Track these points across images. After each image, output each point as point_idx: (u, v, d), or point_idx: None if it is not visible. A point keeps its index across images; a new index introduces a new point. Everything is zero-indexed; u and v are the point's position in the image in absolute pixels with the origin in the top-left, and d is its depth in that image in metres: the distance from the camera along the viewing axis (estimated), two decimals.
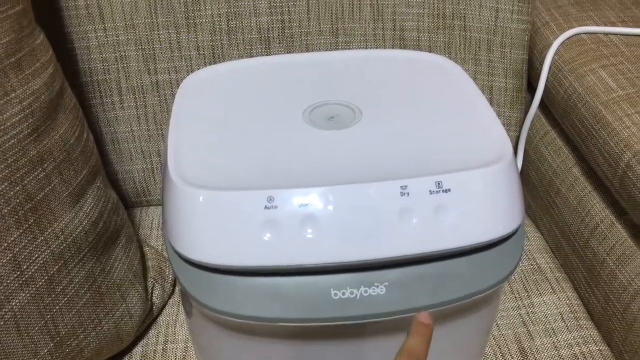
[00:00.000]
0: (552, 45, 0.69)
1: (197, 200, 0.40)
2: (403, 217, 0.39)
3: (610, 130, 0.58)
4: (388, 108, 0.48)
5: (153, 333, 0.60)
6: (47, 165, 0.47)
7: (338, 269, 0.40)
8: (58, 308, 0.48)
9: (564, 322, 0.61)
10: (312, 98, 0.50)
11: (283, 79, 0.53)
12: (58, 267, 0.47)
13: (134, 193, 0.73)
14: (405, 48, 0.69)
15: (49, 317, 0.47)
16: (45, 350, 0.48)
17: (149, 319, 0.59)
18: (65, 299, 0.48)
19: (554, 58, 0.69)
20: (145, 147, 0.70)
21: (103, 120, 0.68)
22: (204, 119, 0.48)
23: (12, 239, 0.45)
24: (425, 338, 0.36)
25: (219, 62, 0.67)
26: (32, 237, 0.46)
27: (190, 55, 0.67)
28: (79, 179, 0.50)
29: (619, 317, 0.57)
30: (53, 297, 0.47)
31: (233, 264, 0.39)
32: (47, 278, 0.47)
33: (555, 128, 0.71)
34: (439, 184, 0.40)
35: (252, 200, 0.39)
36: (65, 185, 0.48)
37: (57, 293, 0.48)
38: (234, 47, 0.67)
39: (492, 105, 0.72)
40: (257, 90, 0.51)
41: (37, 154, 0.46)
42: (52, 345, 0.48)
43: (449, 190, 0.40)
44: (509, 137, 0.63)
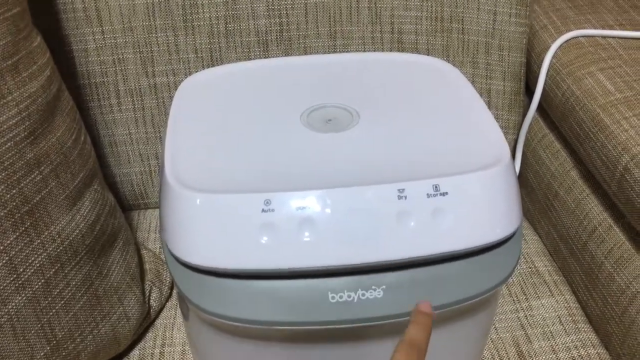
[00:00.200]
0: (549, 48, 0.69)
1: (193, 203, 0.40)
2: (400, 220, 0.39)
3: (608, 133, 0.58)
4: (385, 111, 0.48)
5: (150, 336, 0.60)
6: (43, 168, 0.46)
7: (335, 272, 0.40)
8: (54, 311, 0.48)
9: (562, 325, 0.61)
10: (309, 101, 0.50)
11: (281, 82, 0.53)
12: (54, 270, 0.47)
13: (132, 196, 0.73)
14: (403, 51, 0.69)
15: (45, 320, 0.47)
16: (42, 354, 0.48)
17: (146, 322, 0.59)
18: (62, 302, 0.48)
19: (552, 61, 0.69)
20: (143, 149, 0.70)
21: (101, 123, 0.68)
22: (202, 122, 0.48)
23: (8, 242, 0.44)
24: (426, 327, 0.36)
25: (217, 64, 0.67)
26: (28, 240, 0.45)
27: (188, 58, 0.67)
28: (76, 182, 0.50)
29: (617, 320, 0.57)
30: (49, 300, 0.47)
31: (230, 267, 0.39)
32: (43, 281, 0.47)
33: (553, 131, 0.71)
34: (436, 187, 0.40)
35: (249, 203, 0.39)
36: (62, 188, 0.48)
37: (53, 296, 0.47)
38: (232, 49, 0.67)
39: (489, 108, 0.72)
40: (254, 93, 0.51)
41: (33, 157, 0.46)
42: (48, 349, 0.48)
43: (446, 193, 0.40)
44: (507, 139, 0.63)
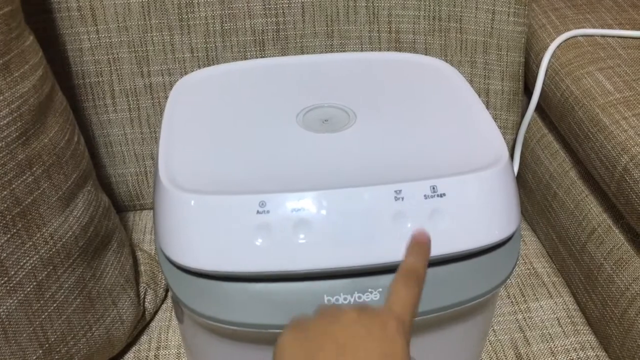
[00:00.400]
0: (548, 48, 0.69)
1: (187, 205, 0.40)
2: (397, 221, 0.39)
3: (607, 134, 0.58)
4: (382, 111, 0.48)
5: (145, 339, 0.59)
6: (35, 169, 0.46)
7: (331, 275, 0.39)
8: (47, 314, 0.47)
9: (561, 327, 0.60)
10: (306, 101, 0.49)
11: (277, 82, 0.52)
12: (47, 272, 0.47)
13: (127, 196, 0.73)
14: (401, 50, 0.69)
15: (38, 323, 0.47)
16: (34, 357, 0.47)
17: (141, 324, 0.59)
18: (55, 305, 0.48)
19: (551, 60, 0.69)
20: (139, 150, 0.70)
21: (96, 123, 0.68)
22: (196, 122, 0.47)
23: None
24: (423, 256, 0.36)
25: (213, 64, 0.67)
26: (20, 242, 0.45)
27: (184, 58, 0.66)
28: (69, 183, 0.49)
29: (616, 322, 0.57)
30: (42, 302, 0.47)
31: (224, 270, 0.39)
32: (35, 283, 0.46)
33: (552, 131, 0.71)
34: (434, 188, 0.39)
35: (243, 205, 0.39)
36: (55, 189, 0.47)
37: (45, 299, 0.47)
38: (228, 49, 0.66)
39: (488, 108, 0.71)
40: (250, 93, 0.51)
41: (25, 158, 0.45)
42: (40, 352, 0.47)
43: (444, 195, 0.39)
44: (505, 140, 0.62)
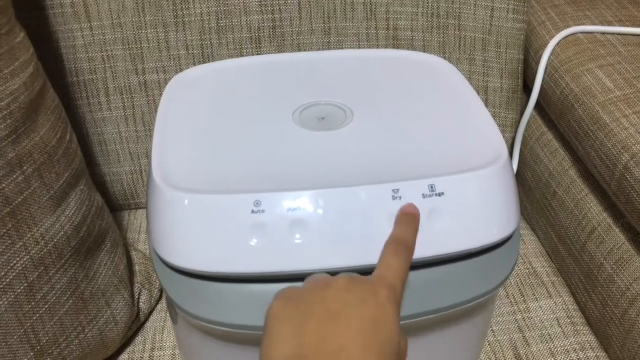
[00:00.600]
0: (547, 45, 0.68)
1: (181, 204, 0.39)
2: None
3: (608, 131, 0.57)
4: (380, 109, 0.47)
5: (139, 339, 0.58)
6: (26, 168, 0.45)
7: None
8: (38, 315, 0.46)
9: (560, 327, 0.60)
10: (302, 98, 0.49)
11: (273, 79, 0.52)
12: (38, 273, 0.46)
13: (122, 195, 0.72)
14: (399, 47, 0.69)
15: (29, 324, 0.46)
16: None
17: (135, 325, 0.58)
18: (46, 306, 0.47)
19: (550, 57, 0.68)
20: (133, 148, 0.69)
21: (89, 121, 0.67)
22: (191, 120, 0.47)
23: None
24: (412, 226, 0.36)
25: (208, 61, 0.66)
26: (10, 242, 0.44)
27: (179, 55, 0.65)
28: (61, 182, 0.48)
29: (617, 322, 0.56)
30: (33, 304, 0.46)
31: (219, 270, 0.38)
32: (26, 284, 0.45)
33: (551, 129, 0.70)
34: (432, 187, 0.39)
35: (238, 204, 0.38)
36: (46, 189, 0.47)
37: (37, 300, 0.46)
38: (224, 46, 0.66)
39: (486, 106, 0.71)
40: (246, 90, 0.50)
41: (15, 156, 0.44)
42: (31, 354, 0.47)
43: (442, 194, 0.39)
44: (504, 138, 0.62)
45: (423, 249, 0.38)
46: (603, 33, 0.69)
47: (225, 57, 0.66)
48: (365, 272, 0.39)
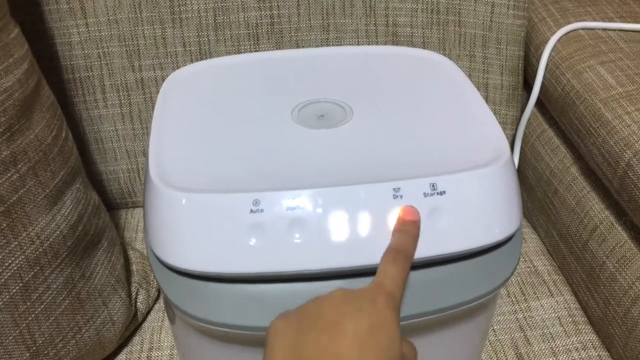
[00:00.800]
0: (548, 41, 0.68)
1: (179, 203, 0.39)
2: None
3: (610, 129, 0.57)
4: (380, 106, 0.47)
5: (137, 340, 0.58)
6: (20, 166, 0.44)
7: (327, 276, 0.38)
8: (34, 316, 0.46)
9: (562, 326, 0.59)
10: (301, 96, 0.48)
11: (271, 76, 0.52)
12: (33, 272, 0.45)
13: (119, 194, 0.71)
14: (398, 44, 0.68)
15: (24, 325, 0.46)
16: None
17: (133, 325, 0.58)
18: (42, 306, 0.46)
19: (551, 54, 0.68)
20: (130, 146, 0.68)
21: (86, 119, 0.66)
22: (188, 118, 0.46)
23: None
24: (411, 234, 0.36)
25: (206, 58, 0.66)
26: (4, 242, 0.44)
27: (176, 52, 0.65)
28: (56, 180, 0.48)
29: (619, 321, 0.56)
30: (28, 304, 0.46)
31: (217, 271, 0.38)
32: (21, 285, 0.45)
33: (552, 126, 0.70)
34: (434, 186, 0.38)
35: (236, 203, 0.38)
36: (41, 187, 0.46)
37: (32, 300, 0.46)
38: (221, 42, 0.65)
39: (487, 103, 0.70)
40: (244, 88, 0.50)
41: (9, 154, 0.44)
42: (27, 355, 0.46)
43: (444, 192, 0.38)
44: (505, 135, 0.61)
45: (424, 249, 0.38)
46: (604, 29, 0.68)
47: (223, 54, 0.66)
48: (366, 272, 0.38)
